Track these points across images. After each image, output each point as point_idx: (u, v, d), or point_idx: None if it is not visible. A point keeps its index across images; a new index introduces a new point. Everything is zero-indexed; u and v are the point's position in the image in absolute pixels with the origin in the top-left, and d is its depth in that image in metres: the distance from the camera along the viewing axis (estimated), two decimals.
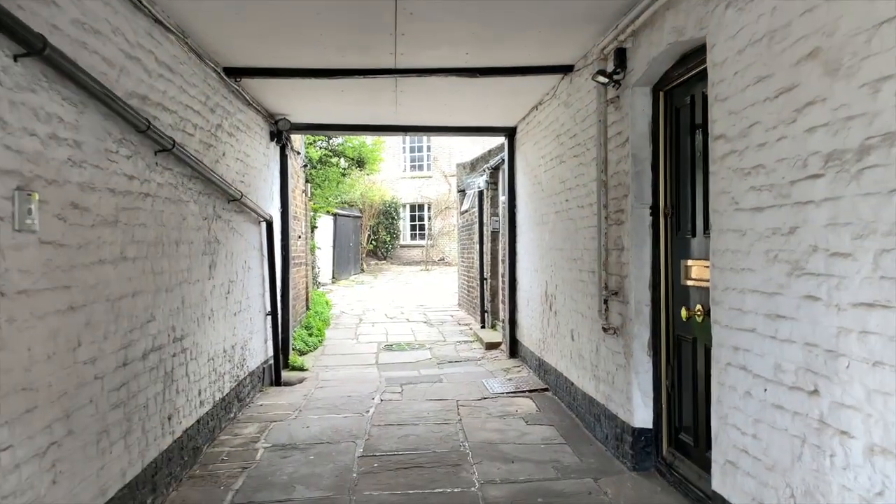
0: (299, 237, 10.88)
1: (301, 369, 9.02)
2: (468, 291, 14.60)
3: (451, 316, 14.58)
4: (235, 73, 6.31)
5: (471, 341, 11.14)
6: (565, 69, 6.29)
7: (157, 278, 4.58)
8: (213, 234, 5.95)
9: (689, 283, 4.34)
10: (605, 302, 5.14)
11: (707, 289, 4.03)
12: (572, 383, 6.44)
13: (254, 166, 7.60)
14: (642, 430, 4.80)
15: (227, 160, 6.40)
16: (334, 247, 24.50)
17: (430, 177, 34.67)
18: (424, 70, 6.23)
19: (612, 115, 5.15)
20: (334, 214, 24.51)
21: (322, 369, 9.07)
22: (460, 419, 6.38)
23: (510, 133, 9.29)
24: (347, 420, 6.44)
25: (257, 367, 7.72)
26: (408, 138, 35.04)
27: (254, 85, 6.94)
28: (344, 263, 26.20)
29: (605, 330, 5.15)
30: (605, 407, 5.41)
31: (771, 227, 3.02)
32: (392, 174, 34.14)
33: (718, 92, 3.50)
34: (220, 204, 6.15)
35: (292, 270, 10.16)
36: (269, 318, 8.28)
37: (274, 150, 8.76)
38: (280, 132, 8.62)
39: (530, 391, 7.38)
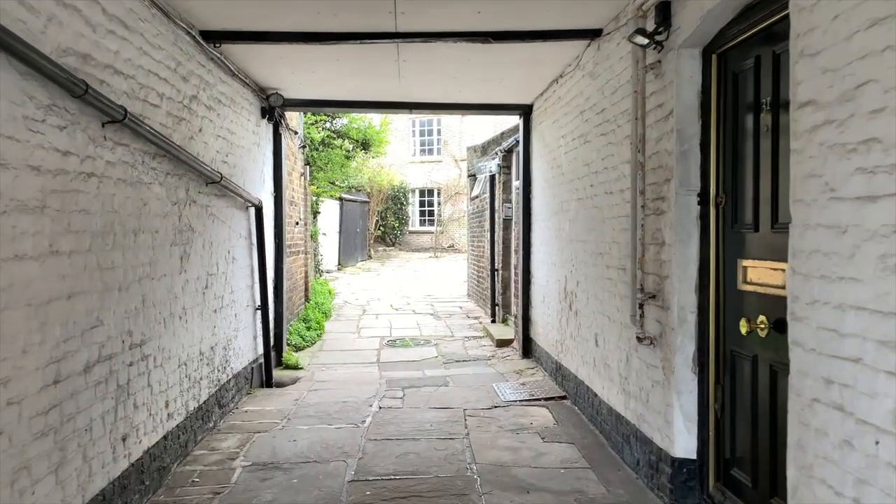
0: (297, 223, 10.12)
1: (295, 368, 8.29)
2: (478, 282, 13.82)
3: (460, 308, 13.82)
4: (214, 36, 5.53)
5: (480, 337, 10.38)
6: (592, 34, 5.46)
7: (107, 275, 3.83)
8: (186, 222, 5.19)
9: (749, 287, 3.54)
10: (641, 306, 4.34)
11: (774, 296, 3.24)
12: (595, 394, 5.66)
13: (240, 145, 6.83)
14: (684, 461, 4.02)
15: (204, 137, 5.63)
16: (340, 233, 23.76)
17: (439, 161, 33.81)
18: (430, 34, 5.42)
19: (651, 84, 4.33)
20: (340, 199, 23.75)
21: (318, 368, 8.34)
22: (468, 433, 5.62)
23: (526, 111, 8.46)
24: (340, 432, 5.70)
25: (244, 368, 6.99)
26: (416, 121, 34.23)
27: (238, 53, 6.16)
28: (350, 250, 25.47)
29: (639, 340, 4.36)
30: (637, 428, 4.63)
31: (891, 223, 2.21)
32: (401, 158, 33.32)
33: (806, 45, 2.68)
34: (195, 187, 5.38)
35: (288, 260, 9.40)
36: (260, 312, 7.55)
37: (266, 128, 7.97)
38: (272, 108, 7.84)
39: (546, 399, 6.61)
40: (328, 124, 14.69)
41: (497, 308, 11.17)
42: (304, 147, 10.59)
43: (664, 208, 4.15)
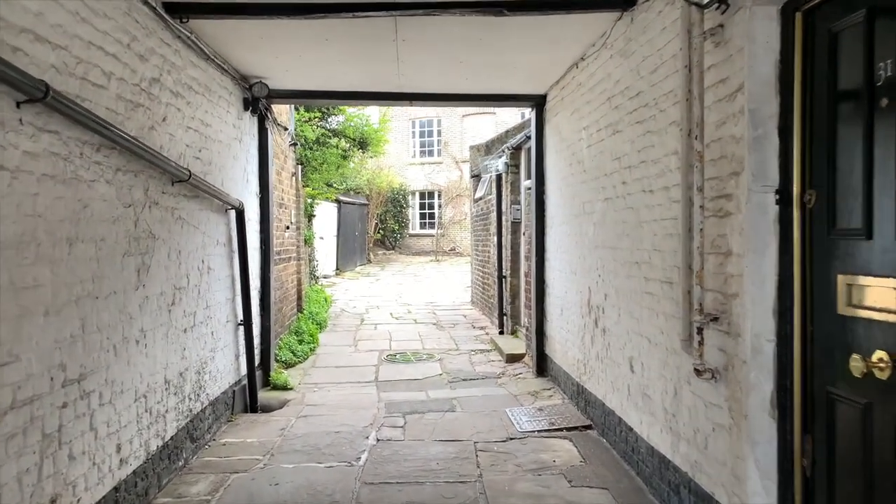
0: (287, 228, 9.29)
1: (284, 389, 7.45)
2: (483, 289, 12.98)
3: (464, 316, 12.97)
4: (180, 9, 4.71)
5: (488, 350, 9.54)
6: (624, 3, 4.63)
7: (24, 296, 2.99)
8: (146, 227, 4.36)
9: (858, 312, 2.70)
10: (699, 331, 3.50)
11: None
12: (630, 428, 4.82)
13: (217, 140, 6.00)
14: None
15: (169, 128, 4.79)
16: (338, 236, 22.94)
17: (440, 162, 33.03)
18: (433, 3, 4.59)
19: (711, 54, 3.49)
20: (338, 201, 22.94)
21: (310, 389, 7.49)
22: (480, 474, 4.78)
23: (539, 103, 7.62)
24: (331, 473, 4.86)
25: (223, 393, 6.15)
26: (416, 122, 33.47)
27: (212, 31, 5.33)
28: (349, 254, 24.65)
29: (697, 372, 3.51)
30: (690, 478, 3.79)
31: None
32: (400, 160, 32.54)
33: None
34: (157, 186, 4.55)
35: (277, 268, 8.56)
36: (242, 328, 6.70)
37: (249, 122, 7.14)
38: (256, 100, 7.00)
39: (569, 429, 5.77)
40: (323, 122, 13.85)
41: (505, 318, 10.32)
42: (295, 145, 9.76)
43: (730, 209, 3.31)
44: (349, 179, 27.39)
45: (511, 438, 5.58)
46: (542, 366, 7.70)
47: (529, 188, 8.91)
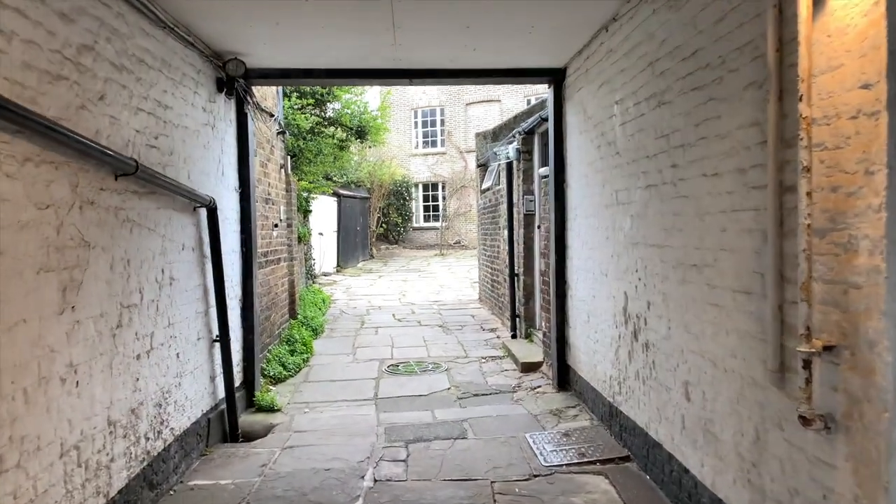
0: (275, 226, 8.36)
1: (271, 409, 6.53)
2: (492, 286, 12.05)
3: (472, 317, 12.04)
4: None
5: (500, 357, 8.60)
6: None
7: None
8: (74, 234, 3.43)
9: None
10: (806, 364, 2.56)
11: None
12: (686, 470, 3.89)
13: (182, 125, 5.06)
14: None
15: (110, 108, 3.86)
16: (339, 231, 22.01)
17: (443, 153, 32.05)
18: None
19: None
20: (338, 195, 22.01)
21: (300, 409, 6.58)
22: None
23: (557, 78, 6.66)
24: None
25: (195, 423, 5.24)
26: (418, 111, 32.48)
27: None
28: (350, 249, 23.72)
29: (805, 421, 2.57)
30: None
31: None
32: (402, 150, 31.57)
33: None
34: (91, 181, 3.62)
35: (263, 271, 7.64)
36: (219, 345, 5.78)
37: (225, 106, 6.20)
38: (232, 79, 6.06)
39: (603, 462, 4.84)
40: (317, 110, 12.88)
41: (518, 321, 9.38)
42: (283, 133, 8.81)
43: (857, 192, 2.36)
44: (350, 172, 26.46)
45: (535, 475, 4.66)
46: (564, 378, 6.76)
47: (545, 176, 7.96)
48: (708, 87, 3.49)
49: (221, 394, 5.89)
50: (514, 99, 30.16)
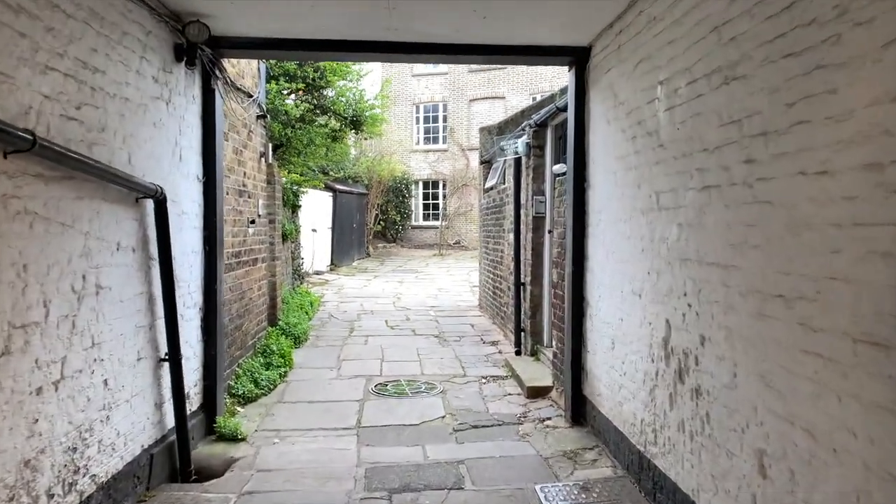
0: (252, 222, 7.37)
1: (234, 438, 5.56)
2: (494, 294, 11.07)
3: (472, 326, 11.05)
4: None
5: (502, 377, 7.62)
6: None
7: None
8: None
9: None
10: None
11: None
12: None
13: (120, 95, 4.07)
14: None
15: None
16: (333, 228, 21.04)
17: (445, 150, 31.10)
18: None
19: None
20: (334, 190, 21.05)
21: (268, 439, 5.60)
22: None
23: (579, 59, 5.67)
24: None
25: (129, 465, 4.25)
26: (420, 106, 31.53)
27: None
28: (346, 247, 22.74)
29: None
30: None
31: None
32: (403, 146, 30.62)
33: None
34: None
35: (234, 274, 6.66)
36: (170, 364, 4.80)
37: (186, 78, 5.21)
38: (193, 47, 5.07)
39: None
40: (309, 96, 11.86)
41: (523, 335, 8.40)
42: (264, 117, 7.82)
43: None
44: (347, 167, 25.48)
45: None
46: (579, 411, 5.78)
47: (561, 174, 6.98)
48: (813, 50, 2.51)
49: (171, 423, 4.90)
50: (520, 96, 29.18)
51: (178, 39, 4.98)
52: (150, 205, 4.50)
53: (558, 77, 27.10)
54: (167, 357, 4.77)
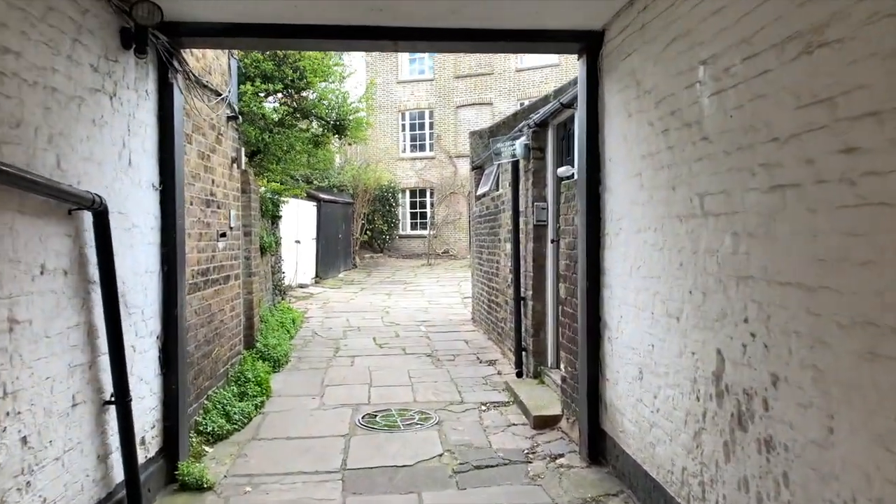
0: (223, 235, 6.59)
1: (199, 488, 4.77)
2: (489, 308, 10.34)
3: (466, 343, 10.31)
4: None
5: (504, 404, 6.88)
6: None
7: None
8: None
9: None
10: None
11: None
12: None
13: (44, 85, 3.32)
14: None
15: None
16: (318, 239, 20.25)
17: (432, 157, 30.44)
18: None
19: None
20: (318, 200, 20.28)
21: (238, 488, 4.82)
22: None
23: (590, 44, 4.97)
24: None
25: None
26: (406, 113, 30.85)
27: None
28: (331, 258, 21.95)
29: None
30: None
31: None
32: (389, 154, 29.93)
33: None
34: None
35: (199, 296, 5.88)
36: (116, 407, 4.02)
37: (136, 69, 4.45)
38: (143, 31, 4.31)
39: None
40: (288, 100, 11.11)
41: (525, 355, 7.67)
42: (236, 118, 7.06)
43: None
44: (332, 175, 24.72)
45: None
46: (597, 447, 5.05)
47: (567, 177, 6.29)
48: None
49: (120, 476, 4.12)
50: (508, 102, 28.61)
51: (126, 22, 4.23)
52: (86, 218, 3.73)
53: (546, 83, 26.54)
54: (113, 399, 3.99)
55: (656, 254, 3.95)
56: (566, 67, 26.18)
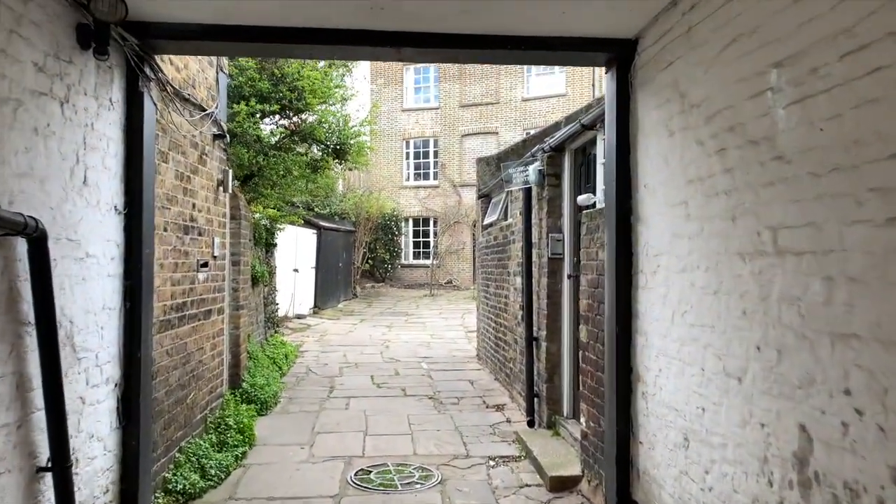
0: (204, 265, 5.93)
1: None
2: (496, 346, 9.63)
3: (471, 383, 9.58)
4: None
5: (516, 458, 6.15)
6: None
7: None
8: None
9: None
10: None
11: None
12: None
13: None
14: None
15: None
16: (317, 268, 19.60)
17: (436, 186, 29.91)
18: None
19: None
20: (318, 227, 19.68)
21: None
22: None
23: (620, 55, 4.34)
24: None
25: None
26: (410, 142, 30.43)
27: None
28: (331, 288, 21.27)
29: None
30: None
31: None
32: (392, 182, 29.47)
33: None
34: None
35: (172, 334, 5.20)
36: (53, 477, 3.32)
37: (97, 74, 3.84)
38: (104, 28, 3.70)
39: None
40: (285, 122, 10.54)
41: (538, 402, 6.95)
42: (223, 137, 6.44)
43: None
44: (334, 202, 24.15)
45: None
46: None
47: (588, 206, 5.65)
48: None
49: None
50: (514, 131, 28.16)
51: (84, 17, 3.63)
52: (18, 246, 3.08)
53: (552, 112, 26.01)
54: (49, 464, 3.30)
55: (708, 298, 3.27)
56: (573, 97, 25.71)
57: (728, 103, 3.09)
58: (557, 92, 27.44)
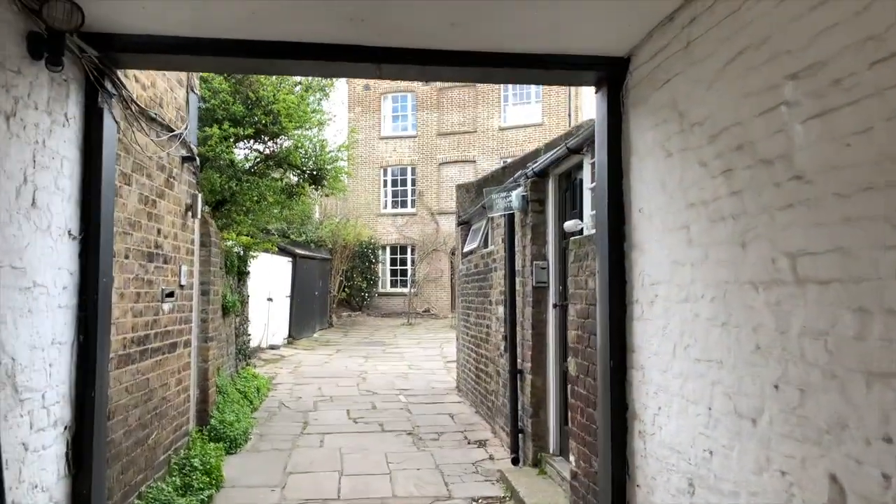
0: (168, 295, 5.58)
1: None
2: (476, 377, 9.31)
3: (451, 417, 9.23)
4: None
5: (500, 500, 5.81)
6: None
7: None
8: None
9: None
10: None
11: None
12: None
13: None
14: None
15: None
16: (293, 297, 19.18)
17: (413, 214, 29.72)
18: None
19: None
20: (293, 255, 19.29)
21: None
22: None
23: (610, 75, 4.13)
24: None
25: None
26: (388, 169, 30.27)
27: None
28: (306, 317, 20.82)
29: None
30: None
31: None
32: (369, 210, 29.19)
33: None
34: None
35: (132, 369, 4.83)
36: None
37: (50, 87, 3.53)
38: (59, 38, 3.40)
39: None
40: (259, 146, 10.25)
41: (522, 438, 6.64)
42: (192, 160, 6.13)
43: None
44: (310, 230, 23.80)
45: None
46: None
47: (575, 233, 5.43)
48: None
49: None
50: (491, 160, 28.17)
51: (36, 26, 3.33)
52: None
53: (529, 142, 26.02)
54: None
55: (715, 330, 3.02)
56: (550, 127, 25.79)
57: (734, 120, 2.88)
58: (534, 121, 27.53)
